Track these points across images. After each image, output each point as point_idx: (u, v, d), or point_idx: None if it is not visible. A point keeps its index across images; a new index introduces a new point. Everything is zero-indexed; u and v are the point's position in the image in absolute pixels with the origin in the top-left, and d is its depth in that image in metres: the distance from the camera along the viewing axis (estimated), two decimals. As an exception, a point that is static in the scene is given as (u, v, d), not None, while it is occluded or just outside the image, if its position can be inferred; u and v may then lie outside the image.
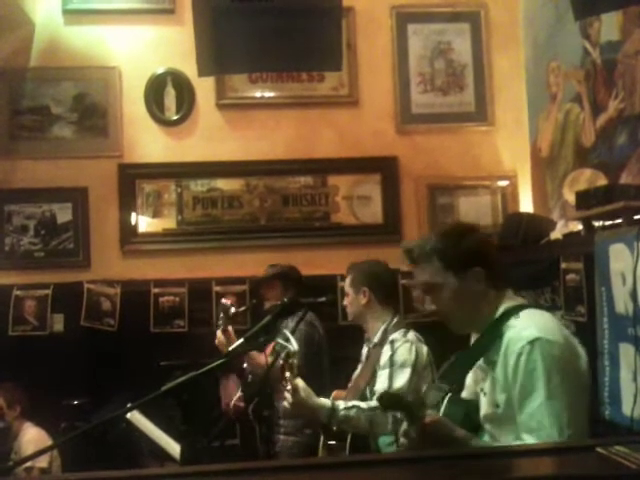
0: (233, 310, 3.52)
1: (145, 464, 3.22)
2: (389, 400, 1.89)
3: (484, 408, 1.91)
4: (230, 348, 2.93)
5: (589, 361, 1.89)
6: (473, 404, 1.95)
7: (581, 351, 1.88)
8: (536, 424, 1.73)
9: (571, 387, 1.76)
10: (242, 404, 3.52)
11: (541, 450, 1.52)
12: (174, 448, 3.10)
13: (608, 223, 2.76)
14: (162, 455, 3.12)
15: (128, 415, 3.13)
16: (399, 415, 2.23)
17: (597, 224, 2.84)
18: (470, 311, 1.93)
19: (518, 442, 1.76)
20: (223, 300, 3.64)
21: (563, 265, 2.99)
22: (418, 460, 1.47)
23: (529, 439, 1.73)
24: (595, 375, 2.61)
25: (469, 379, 2.02)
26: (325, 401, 2.62)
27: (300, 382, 2.55)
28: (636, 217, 2.59)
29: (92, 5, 4.45)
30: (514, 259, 3.47)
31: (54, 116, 4.42)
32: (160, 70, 4.47)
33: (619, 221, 2.67)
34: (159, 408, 2.93)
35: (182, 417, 3.38)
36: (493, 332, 1.88)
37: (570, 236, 3.20)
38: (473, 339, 2.03)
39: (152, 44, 4.48)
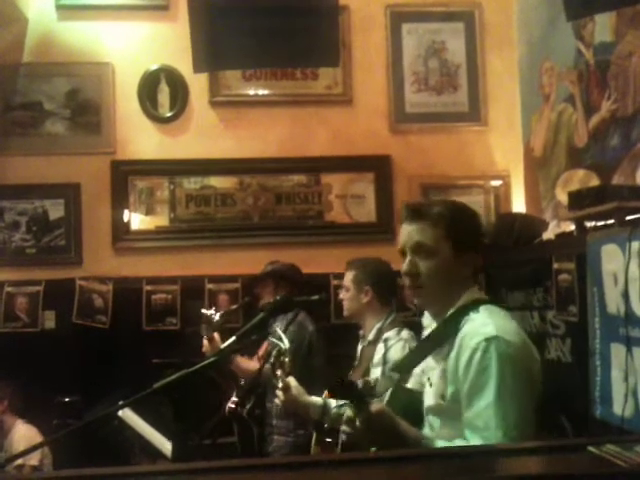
0: (217, 318, 3.49)
1: (137, 461, 3.21)
2: (341, 389, 1.82)
3: (429, 399, 1.87)
4: (222, 346, 2.92)
5: (582, 360, 1.89)
6: (417, 394, 1.92)
7: (536, 355, 1.84)
8: (482, 424, 1.68)
9: (522, 390, 1.72)
10: (235, 406, 3.51)
11: (532, 448, 1.53)
12: (166, 445, 3.10)
13: (600, 224, 2.77)
14: (154, 452, 3.11)
15: (120, 413, 3.12)
16: (345, 403, 2.15)
17: (589, 225, 2.85)
18: (444, 287, 1.86)
19: (459, 440, 1.72)
20: (203, 310, 3.60)
21: (555, 265, 3.00)
22: (408, 459, 1.47)
23: (472, 438, 1.69)
24: (587, 374, 2.63)
25: (417, 368, 1.98)
26: (317, 399, 2.63)
27: (292, 380, 2.56)
28: (628, 218, 2.60)
29: (85, 1, 4.43)
30: (507, 259, 3.48)
31: (47, 112, 4.40)
32: (154, 67, 4.46)
33: (611, 222, 2.68)
34: (151, 406, 2.93)
35: (173, 415, 3.38)
36: (449, 324, 1.83)
37: (562, 236, 3.21)
38: (426, 330, 2.00)
39: (146, 40, 4.46)
